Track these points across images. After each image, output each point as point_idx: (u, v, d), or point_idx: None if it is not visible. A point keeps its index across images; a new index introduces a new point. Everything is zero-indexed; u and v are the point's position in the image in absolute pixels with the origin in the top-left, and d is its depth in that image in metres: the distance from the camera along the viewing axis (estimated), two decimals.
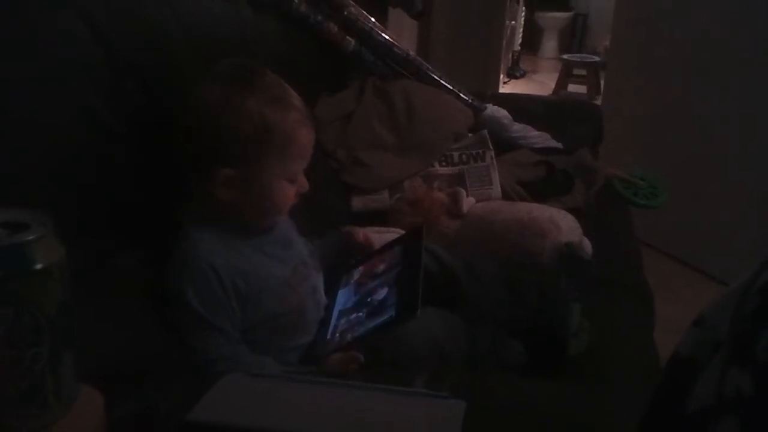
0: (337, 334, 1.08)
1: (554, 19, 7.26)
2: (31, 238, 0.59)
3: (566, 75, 5.61)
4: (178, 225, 1.05)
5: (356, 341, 1.04)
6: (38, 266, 0.59)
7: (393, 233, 1.39)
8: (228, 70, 1.05)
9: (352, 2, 1.73)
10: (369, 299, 1.10)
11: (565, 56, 5.87)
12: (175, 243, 1.03)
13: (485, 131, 1.73)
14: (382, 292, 1.10)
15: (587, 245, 1.38)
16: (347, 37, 1.72)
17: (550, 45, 7.41)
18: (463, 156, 1.68)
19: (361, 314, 1.08)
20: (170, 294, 0.99)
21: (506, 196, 1.64)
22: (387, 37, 1.80)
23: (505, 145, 1.81)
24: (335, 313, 1.13)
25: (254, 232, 1.08)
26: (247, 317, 1.02)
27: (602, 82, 4.25)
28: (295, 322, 1.08)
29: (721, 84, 2.52)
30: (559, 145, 1.87)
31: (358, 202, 1.61)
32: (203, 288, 0.99)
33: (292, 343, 1.07)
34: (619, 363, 1.12)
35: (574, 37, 7.28)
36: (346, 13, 1.72)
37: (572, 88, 5.59)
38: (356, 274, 1.20)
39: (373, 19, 1.79)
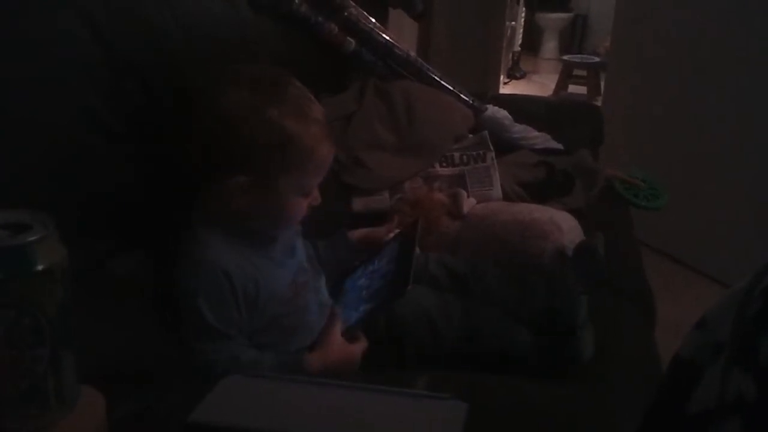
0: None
1: (554, 19, 7.26)
2: (33, 238, 0.59)
3: (566, 76, 5.61)
4: (178, 225, 1.04)
5: (354, 327, 1.06)
6: (40, 267, 0.59)
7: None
8: (253, 77, 1.03)
9: (352, 3, 1.73)
10: (367, 291, 1.13)
11: (565, 57, 5.87)
12: (183, 245, 1.02)
13: (486, 132, 1.73)
14: (379, 282, 1.12)
15: None
16: (348, 37, 1.72)
17: (550, 46, 7.42)
18: (464, 157, 1.68)
19: (359, 305, 1.10)
20: (177, 297, 0.98)
21: (507, 197, 1.63)
22: (387, 38, 1.80)
23: (505, 146, 1.81)
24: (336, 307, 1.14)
25: (262, 239, 1.08)
26: (253, 322, 1.02)
27: (602, 83, 4.25)
28: (297, 324, 1.08)
29: (721, 84, 2.52)
30: (560, 146, 1.87)
31: (358, 203, 1.60)
32: (215, 295, 0.97)
33: (295, 345, 1.07)
34: (620, 364, 1.12)
35: (574, 37, 7.28)
36: (346, 13, 1.72)
37: (572, 89, 5.59)
38: (359, 273, 1.22)
39: (373, 20, 1.79)
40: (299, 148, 1.01)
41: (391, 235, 1.28)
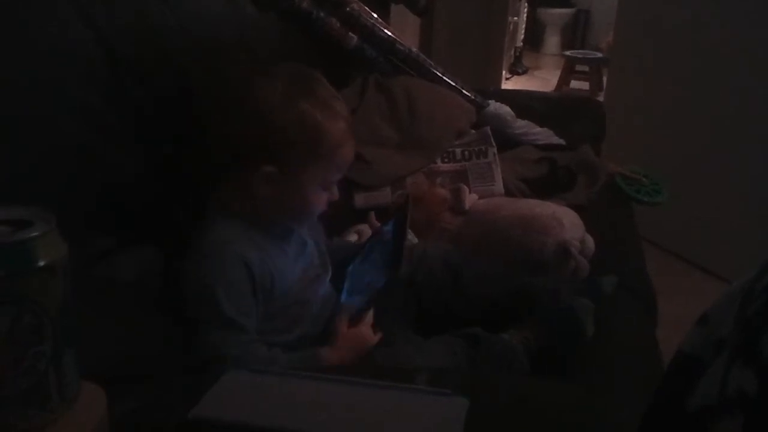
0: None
1: (557, 15, 7.25)
2: (34, 235, 0.58)
3: (569, 71, 5.61)
4: (179, 222, 1.05)
5: (361, 309, 1.08)
6: (41, 263, 0.59)
7: None
8: (286, 73, 1.06)
9: None
10: (365, 279, 1.14)
11: (567, 53, 5.87)
12: (200, 237, 1.02)
13: (488, 128, 1.73)
14: (374, 269, 1.14)
15: (590, 242, 1.38)
16: (350, 33, 1.72)
17: (552, 41, 7.41)
18: (466, 152, 1.68)
19: (363, 289, 1.13)
20: (192, 288, 0.99)
21: (509, 192, 1.63)
22: (389, 34, 1.80)
23: (507, 141, 1.81)
24: (342, 300, 1.16)
25: (280, 232, 1.09)
26: (263, 312, 1.03)
27: (605, 79, 4.25)
28: (301, 313, 1.09)
29: (724, 80, 2.51)
30: (562, 142, 1.87)
31: (360, 199, 1.60)
32: (235, 284, 0.98)
33: (296, 333, 1.08)
34: (622, 361, 1.12)
35: (576, 33, 7.28)
36: (348, 9, 1.72)
37: (575, 84, 5.60)
38: (359, 259, 1.23)
39: (375, 16, 1.79)
40: (328, 142, 1.03)
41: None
